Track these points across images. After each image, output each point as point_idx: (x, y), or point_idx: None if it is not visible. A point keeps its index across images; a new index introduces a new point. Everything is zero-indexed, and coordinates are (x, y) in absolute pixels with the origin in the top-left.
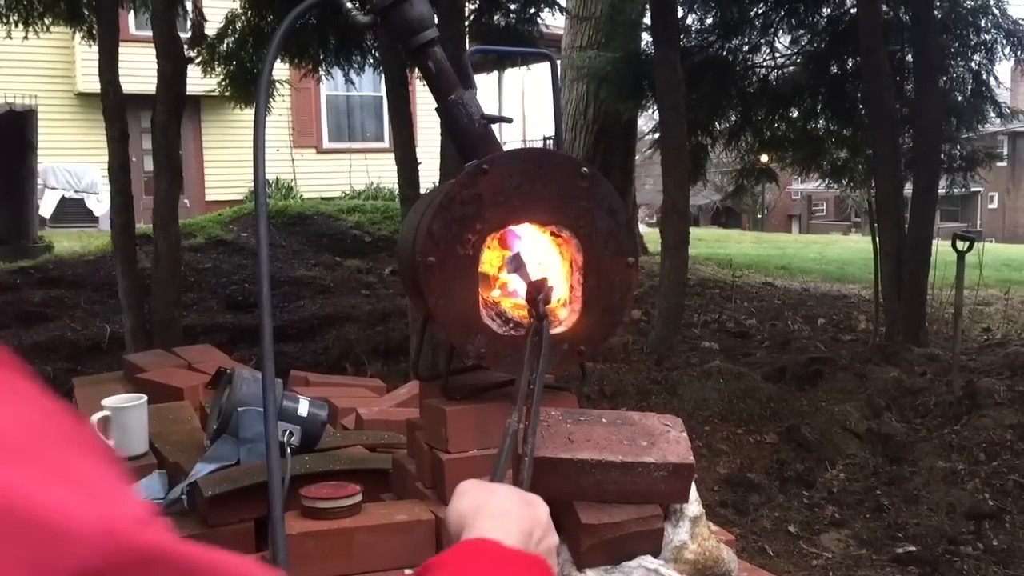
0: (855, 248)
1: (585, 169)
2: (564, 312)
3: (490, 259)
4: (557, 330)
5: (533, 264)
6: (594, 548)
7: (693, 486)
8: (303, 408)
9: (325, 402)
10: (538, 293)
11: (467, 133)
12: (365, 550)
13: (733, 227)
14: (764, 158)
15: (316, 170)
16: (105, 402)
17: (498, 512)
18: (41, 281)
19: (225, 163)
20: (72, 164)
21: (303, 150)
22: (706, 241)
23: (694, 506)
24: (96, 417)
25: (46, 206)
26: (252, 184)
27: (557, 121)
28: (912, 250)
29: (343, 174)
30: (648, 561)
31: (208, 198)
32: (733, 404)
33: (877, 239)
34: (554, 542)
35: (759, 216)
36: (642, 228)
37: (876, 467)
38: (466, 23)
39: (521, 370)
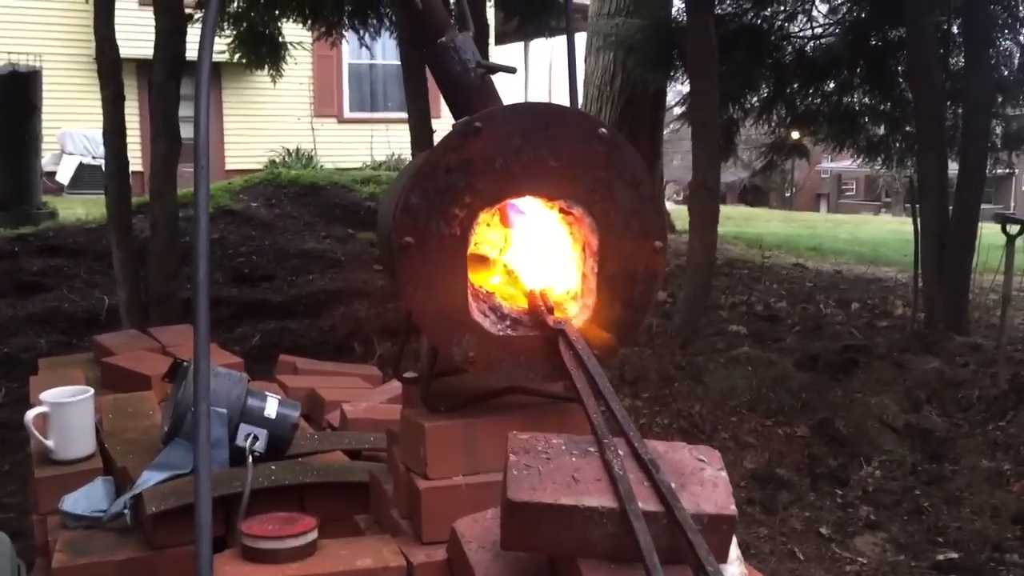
0: (888, 229)
1: (604, 131)
2: (574, 307)
3: (486, 239)
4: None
5: (536, 249)
6: None
7: (735, 542)
8: (271, 408)
9: (298, 401)
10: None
11: (459, 83)
12: None
13: (760, 205)
14: (796, 134)
15: (337, 140)
16: (43, 396)
17: None
18: (40, 249)
19: (245, 131)
20: (90, 130)
21: (324, 119)
22: (734, 219)
23: (735, 567)
24: (32, 414)
25: (64, 172)
26: (272, 153)
27: (571, 62)
28: (956, 233)
29: (364, 145)
30: None
31: (228, 167)
32: (762, 393)
33: (918, 220)
34: None
35: (787, 195)
36: (669, 205)
37: (915, 465)
38: None
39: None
